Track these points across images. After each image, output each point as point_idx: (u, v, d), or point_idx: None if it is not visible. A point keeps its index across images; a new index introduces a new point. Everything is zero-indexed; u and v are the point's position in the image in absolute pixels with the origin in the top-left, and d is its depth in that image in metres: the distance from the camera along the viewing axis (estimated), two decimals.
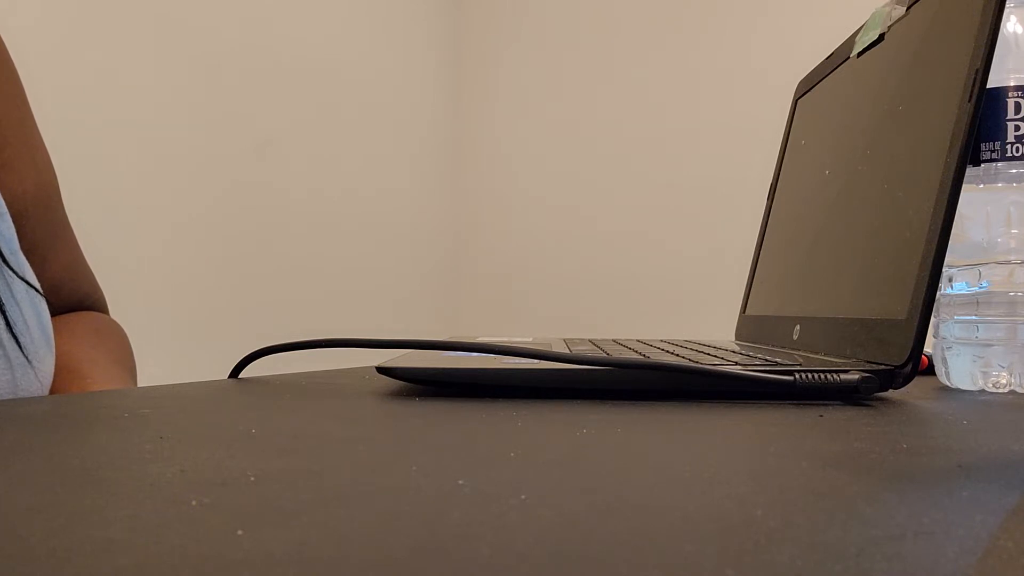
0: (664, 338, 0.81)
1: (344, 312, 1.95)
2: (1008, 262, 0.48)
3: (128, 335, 0.75)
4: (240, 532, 0.17)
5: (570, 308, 2.35)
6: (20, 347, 0.52)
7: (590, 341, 0.71)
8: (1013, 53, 0.49)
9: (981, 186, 0.50)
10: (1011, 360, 0.48)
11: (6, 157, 0.65)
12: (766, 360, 0.48)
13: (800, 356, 0.52)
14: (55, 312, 0.69)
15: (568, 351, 0.47)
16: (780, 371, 0.42)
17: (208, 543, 0.17)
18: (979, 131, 0.49)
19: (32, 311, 0.54)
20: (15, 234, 0.56)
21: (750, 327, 0.78)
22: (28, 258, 0.57)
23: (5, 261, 0.53)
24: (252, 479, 0.23)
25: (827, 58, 0.72)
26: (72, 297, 0.72)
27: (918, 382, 0.51)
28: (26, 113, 0.69)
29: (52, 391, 0.58)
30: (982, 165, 0.49)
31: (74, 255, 0.73)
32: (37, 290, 0.55)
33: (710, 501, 0.21)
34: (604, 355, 0.48)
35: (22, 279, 0.54)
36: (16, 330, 0.52)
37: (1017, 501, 0.21)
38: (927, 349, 0.46)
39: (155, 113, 1.48)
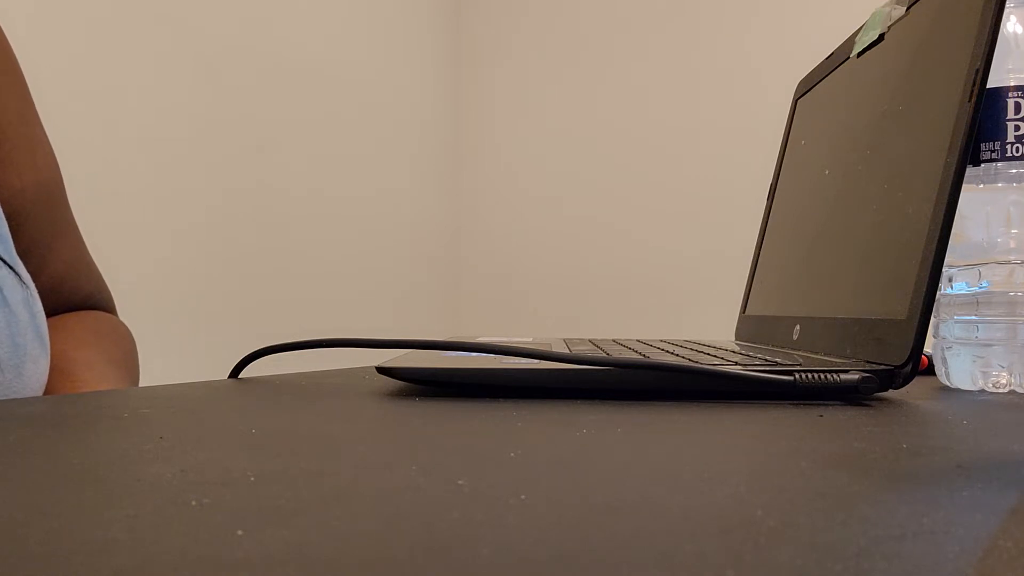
0: (664, 338, 0.81)
1: (344, 312, 1.95)
2: (1008, 262, 0.48)
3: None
4: (240, 532, 0.17)
5: (570, 308, 2.35)
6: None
7: (590, 341, 0.71)
8: (1013, 53, 0.49)
9: (981, 186, 0.50)
10: (1011, 360, 0.48)
11: (5, 152, 0.63)
12: (766, 360, 0.48)
13: (800, 356, 0.52)
14: (56, 311, 0.68)
15: (568, 351, 0.47)
16: (780, 371, 0.42)
17: (208, 543, 0.17)
18: (979, 131, 0.49)
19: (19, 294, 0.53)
20: (7, 229, 0.55)
21: (750, 327, 0.78)
22: (27, 255, 0.56)
23: None
24: (252, 479, 0.23)
25: (827, 58, 0.72)
26: (75, 296, 0.71)
27: (918, 382, 0.51)
28: (27, 107, 0.67)
29: (44, 392, 0.58)
30: (982, 165, 0.49)
31: (77, 253, 0.71)
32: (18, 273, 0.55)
33: (710, 501, 0.21)
34: (604, 355, 0.48)
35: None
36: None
37: (1017, 501, 0.21)
38: (927, 349, 0.46)
39: (154, 113, 1.48)
